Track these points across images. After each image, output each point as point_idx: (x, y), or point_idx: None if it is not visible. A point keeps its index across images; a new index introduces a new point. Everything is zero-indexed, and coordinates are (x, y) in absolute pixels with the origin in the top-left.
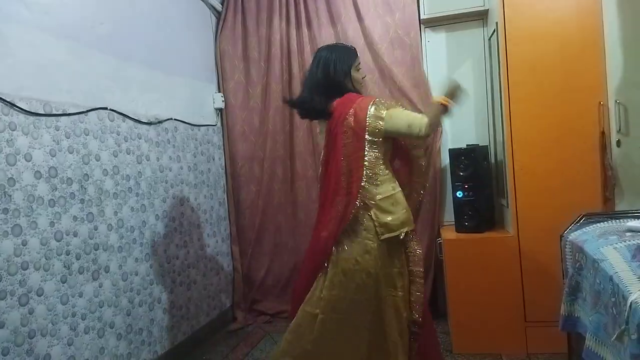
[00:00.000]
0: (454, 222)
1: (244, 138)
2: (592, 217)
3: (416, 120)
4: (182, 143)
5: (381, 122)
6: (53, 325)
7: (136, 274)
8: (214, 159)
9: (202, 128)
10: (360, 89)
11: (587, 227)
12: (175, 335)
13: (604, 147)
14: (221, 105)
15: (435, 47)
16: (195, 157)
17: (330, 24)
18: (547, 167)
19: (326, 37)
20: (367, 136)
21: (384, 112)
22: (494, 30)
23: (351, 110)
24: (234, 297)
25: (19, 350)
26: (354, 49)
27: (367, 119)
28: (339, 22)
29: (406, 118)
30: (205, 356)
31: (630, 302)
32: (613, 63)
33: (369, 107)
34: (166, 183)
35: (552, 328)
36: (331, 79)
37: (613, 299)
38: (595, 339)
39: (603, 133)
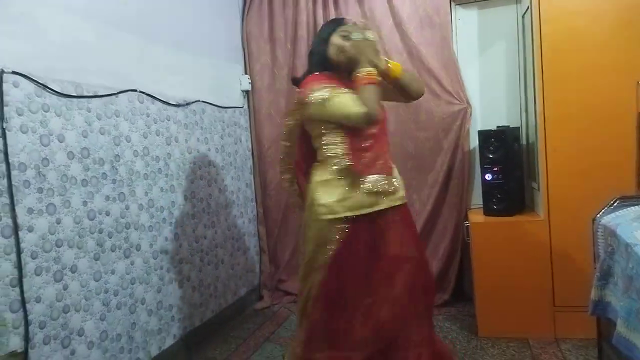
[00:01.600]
0: (482, 205)
1: (270, 120)
2: (626, 201)
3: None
4: (210, 125)
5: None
6: (86, 300)
7: (166, 253)
8: (240, 141)
9: (229, 110)
10: (341, 58)
11: (620, 211)
12: (203, 313)
13: None
14: (248, 87)
15: (466, 25)
16: (222, 138)
17: (357, 3)
18: (580, 149)
19: (353, 16)
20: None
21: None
22: (528, 8)
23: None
24: (260, 276)
25: (55, 324)
26: (343, 18)
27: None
28: (367, 1)
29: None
30: (232, 333)
31: None
32: None
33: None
34: (194, 164)
35: (581, 313)
36: (311, 53)
37: None
38: (627, 325)
39: None
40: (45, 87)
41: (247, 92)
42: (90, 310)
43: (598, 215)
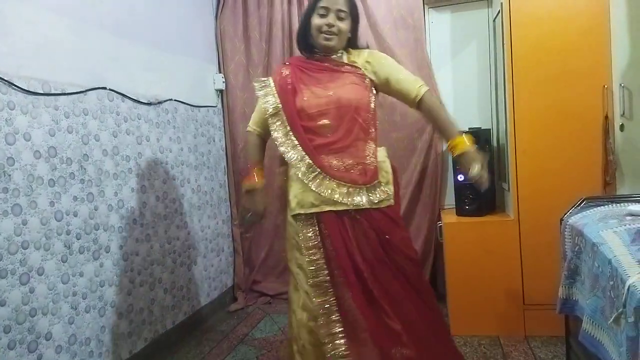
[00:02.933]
0: (454, 206)
1: (244, 119)
2: (592, 201)
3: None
4: (183, 124)
5: None
6: (54, 304)
7: (137, 254)
8: (214, 141)
9: (202, 109)
10: (321, 41)
11: (587, 211)
12: (176, 315)
13: (607, 131)
14: (222, 86)
15: (439, 28)
16: (195, 138)
17: None
18: (549, 151)
19: None
20: None
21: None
22: (499, 12)
23: None
24: (234, 278)
25: (21, 328)
26: None
27: None
28: None
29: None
30: (205, 335)
31: (628, 286)
32: (618, 46)
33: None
34: (166, 164)
35: (549, 311)
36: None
37: (611, 283)
38: (592, 322)
39: (607, 117)
40: (11, 84)
41: (221, 91)
42: (58, 313)
43: (565, 216)
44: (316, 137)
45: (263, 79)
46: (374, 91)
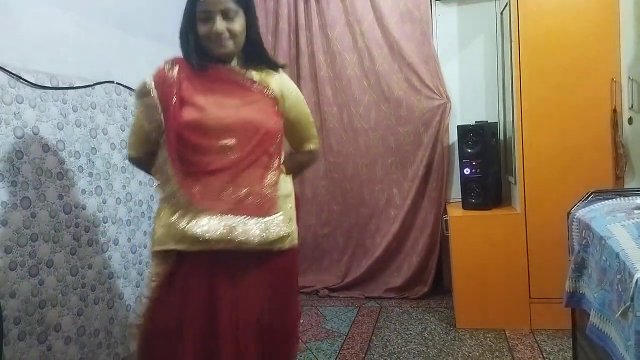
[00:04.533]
0: (460, 199)
1: None
2: (600, 195)
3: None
4: None
5: None
6: (63, 295)
7: (144, 247)
8: None
9: None
10: (222, 52)
11: (595, 205)
12: None
13: (615, 124)
14: None
15: (446, 21)
16: None
17: None
18: (556, 145)
19: (334, 10)
20: None
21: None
22: (506, 4)
23: None
24: None
25: (30, 319)
26: None
27: None
28: None
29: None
30: None
31: (637, 279)
32: (627, 39)
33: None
34: None
35: (556, 305)
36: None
37: (619, 276)
38: (600, 316)
39: (615, 110)
40: (19, 78)
41: None
42: (67, 305)
43: (573, 209)
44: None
45: (144, 83)
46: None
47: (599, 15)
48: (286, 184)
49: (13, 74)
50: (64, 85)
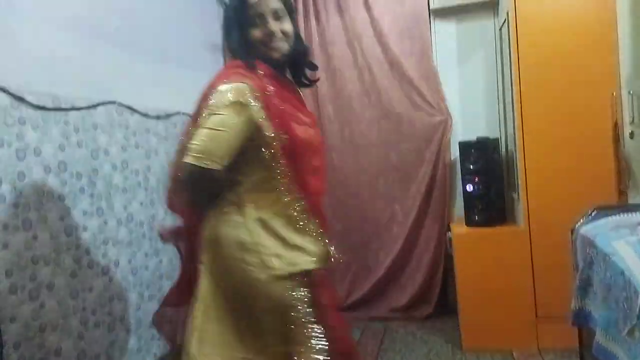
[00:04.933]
0: (463, 216)
1: None
2: (604, 211)
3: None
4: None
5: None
6: (63, 319)
7: (146, 269)
8: None
9: None
10: (279, 56)
11: (598, 221)
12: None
13: (617, 138)
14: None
15: (445, 37)
16: None
17: (338, 15)
18: (558, 160)
19: (334, 28)
20: None
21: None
22: (505, 20)
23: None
24: None
25: (30, 344)
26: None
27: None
28: (347, 12)
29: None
30: None
31: None
32: (626, 53)
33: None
34: None
35: (563, 323)
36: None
37: (624, 294)
38: (606, 334)
39: (616, 124)
40: (21, 99)
41: None
42: (68, 329)
43: (577, 226)
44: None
45: (249, 89)
46: None
47: (597, 31)
48: None
49: (15, 95)
50: (66, 107)
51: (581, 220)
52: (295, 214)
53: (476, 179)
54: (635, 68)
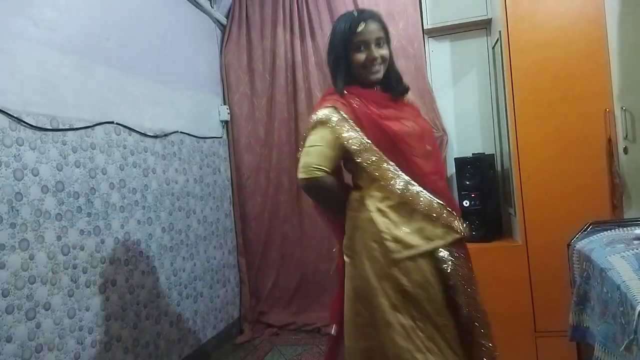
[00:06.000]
0: None
1: (249, 150)
2: (599, 226)
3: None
4: (188, 155)
5: None
6: (60, 339)
7: (143, 287)
8: (219, 171)
9: (207, 140)
10: (376, 78)
11: (594, 236)
12: (182, 349)
13: (611, 154)
14: (227, 117)
15: (439, 56)
16: (201, 169)
17: None
18: (554, 175)
19: None
20: None
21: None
22: (498, 39)
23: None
24: (241, 309)
25: None
26: (356, 14)
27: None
28: None
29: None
30: None
31: (639, 312)
32: (618, 69)
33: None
34: (172, 196)
35: (562, 338)
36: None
37: (621, 309)
38: (604, 349)
39: (610, 140)
40: (19, 120)
41: (226, 122)
42: (64, 349)
43: (572, 241)
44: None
45: (334, 110)
46: None
47: (589, 48)
48: None
49: (14, 117)
50: (64, 127)
51: (577, 235)
52: (411, 198)
53: (473, 195)
54: (627, 84)
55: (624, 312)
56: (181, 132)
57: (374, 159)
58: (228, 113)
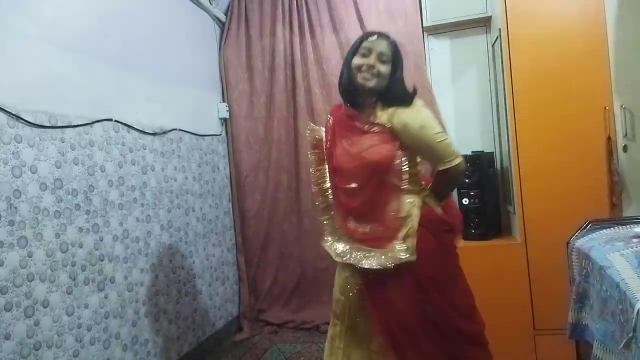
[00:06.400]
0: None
1: (248, 147)
2: (598, 224)
3: None
4: (187, 153)
5: None
6: (59, 336)
7: (142, 285)
8: (218, 169)
9: (206, 138)
10: (363, 83)
11: (593, 234)
12: (181, 346)
13: (610, 152)
14: (226, 115)
15: (439, 54)
16: (200, 167)
17: (333, 33)
18: (553, 173)
19: (329, 45)
20: None
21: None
22: (497, 37)
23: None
24: (240, 307)
25: None
26: (365, 35)
27: None
28: (342, 30)
29: None
30: None
31: (638, 310)
32: (617, 67)
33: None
34: (171, 193)
35: (561, 336)
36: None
37: (620, 307)
38: (603, 347)
39: (609, 138)
40: (18, 117)
41: (225, 119)
42: (63, 346)
43: (572, 239)
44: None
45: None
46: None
47: (588, 46)
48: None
49: (12, 114)
50: (62, 124)
51: (576, 233)
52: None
53: (472, 193)
54: (627, 82)
55: (623, 310)
56: (180, 130)
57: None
58: (227, 111)
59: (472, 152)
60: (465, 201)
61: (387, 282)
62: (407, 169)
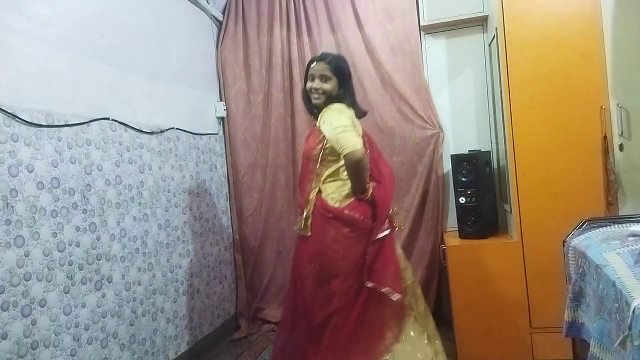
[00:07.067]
0: (457, 228)
1: (246, 146)
2: (594, 222)
3: None
4: (184, 152)
5: None
6: (56, 336)
7: (139, 284)
8: (216, 168)
9: (204, 137)
10: (315, 102)
11: (589, 232)
12: (178, 345)
13: (606, 151)
14: (223, 113)
15: (436, 53)
16: (197, 165)
17: (330, 32)
18: (549, 172)
19: (327, 44)
20: None
21: None
22: (494, 36)
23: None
24: (237, 305)
25: None
26: (309, 61)
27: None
28: (340, 29)
29: None
30: None
31: (634, 308)
32: (614, 67)
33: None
34: (168, 192)
35: (558, 334)
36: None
37: (616, 305)
38: (600, 345)
39: (605, 137)
40: (14, 116)
41: (222, 118)
42: (60, 345)
43: (568, 237)
44: None
45: None
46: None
47: (584, 45)
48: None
49: (9, 112)
50: (59, 123)
51: (572, 232)
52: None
53: (468, 192)
54: (622, 82)
55: (619, 308)
56: (177, 129)
57: None
58: (224, 109)
59: (469, 150)
60: (462, 200)
61: (299, 242)
62: (322, 158)
